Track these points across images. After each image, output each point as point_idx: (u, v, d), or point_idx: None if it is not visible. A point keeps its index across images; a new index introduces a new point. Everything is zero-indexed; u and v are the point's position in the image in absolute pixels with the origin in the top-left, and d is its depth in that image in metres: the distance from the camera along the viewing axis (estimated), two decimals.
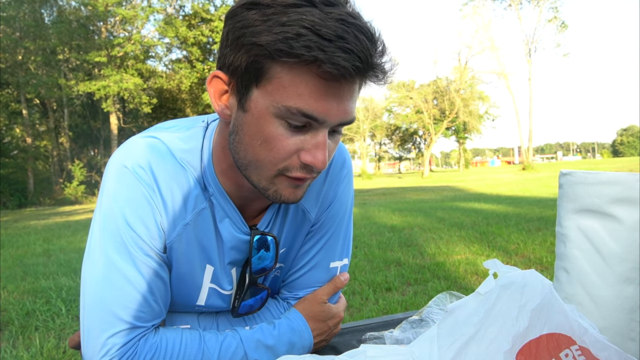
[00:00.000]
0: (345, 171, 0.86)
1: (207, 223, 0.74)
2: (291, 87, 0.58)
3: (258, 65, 0.59)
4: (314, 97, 0.58)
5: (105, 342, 0.65)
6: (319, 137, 0.61)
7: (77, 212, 16.00)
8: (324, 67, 0.55)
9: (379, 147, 64.35)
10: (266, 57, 0.58)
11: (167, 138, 0.72)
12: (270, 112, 0.60)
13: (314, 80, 0.57)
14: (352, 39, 0.55)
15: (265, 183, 0.65)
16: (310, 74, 0.57)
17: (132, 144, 0.70)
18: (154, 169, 0.68)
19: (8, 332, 3.09)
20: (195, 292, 0.77)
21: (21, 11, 23.00)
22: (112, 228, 0.67)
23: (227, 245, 0.76)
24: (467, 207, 9.63)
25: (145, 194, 0.68)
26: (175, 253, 0.72)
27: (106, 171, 0.70)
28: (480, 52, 39.70)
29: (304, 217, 0.83)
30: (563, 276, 0.74)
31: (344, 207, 0.87)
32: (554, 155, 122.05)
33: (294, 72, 0.57)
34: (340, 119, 0.61)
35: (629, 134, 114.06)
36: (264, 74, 0.59)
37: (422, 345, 0.56)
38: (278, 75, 0.58)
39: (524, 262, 4.34)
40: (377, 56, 0.58)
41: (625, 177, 0.68)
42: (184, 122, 0.77)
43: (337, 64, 0.54)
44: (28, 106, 25.05)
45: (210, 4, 26.54)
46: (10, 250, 6.84)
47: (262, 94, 0.60)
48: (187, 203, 0.71)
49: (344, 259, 0.88)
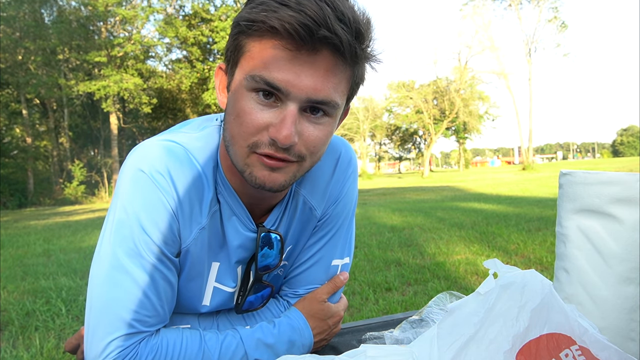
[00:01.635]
0: (351, 170, 0.87)
1: (217, 223, 0.74)
2: (258, 57, 0.60)
3: (237, 44, 0.62)
4: (278, 66, 0.59)
5: (108, 344, 0.65)
6: (286, 111, 0.61)
7: (77, 212, 16.00)
8: (280, 30, 0.56)
9: (379, 147, 64.37)
10: (241, 34, 0.61)
11: (184, 140, 0.71)
12: (242, 86, 0.62)
13: (279, 49, 0.59)
14: (309, 3, 0.56)
15: (241, 164, 0.65)
16: (276, 43, 0.58)
17: (148, 148, 0.69)
18: (173, 174, 0.67)
19: (8, 332, 3.09)
20: (201, 292, 0.77)
21: (21, 11, 22.98)
22: (125, 232, 0.66)
23: (234, 243, 0.76)
24: (467, 207, 9.63)
25: (163, 201, 0.67)
26: (191, 256, 0.72)
27: (121, 174, 0.69)
28: (480, 52, 39.70)
29: (311, 214, 0.83)
30: (563, 276, 0.74)
31: (349, 205, 0.87)
32: (554, 155, 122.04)
33: (262, 43, 0.60)
34: (307, 94, 0.60)
35: (629, 134, 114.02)
36: (241, 50, 0.62)
37: (422, 345, 0.56)
38: (250, 49, 0.61)
39: (524, 262, 4.34)
40: (342, 26, 0.57)
41: (625, 177, 0.68)
42: (198, 121, 0.77)
43: (290, 23, 0.55)
44: (28, 106, 25.05)
45: (210, 4, 26.55)
46: (10, 250, 6.84)
47: (239, 71, 0.63)
48: (203, 207, 0.71)
49: (345, 257, 0.89)
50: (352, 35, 0.58)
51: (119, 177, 0.70)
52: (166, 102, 29.48)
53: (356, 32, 0.59)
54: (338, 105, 0.64)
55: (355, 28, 0.58)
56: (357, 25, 0.59)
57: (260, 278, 0.79)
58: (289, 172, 0.66)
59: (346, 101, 0.68)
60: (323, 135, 0.65)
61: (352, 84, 0.66)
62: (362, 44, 0.61)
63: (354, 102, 3.65)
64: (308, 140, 0.63)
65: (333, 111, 0.64)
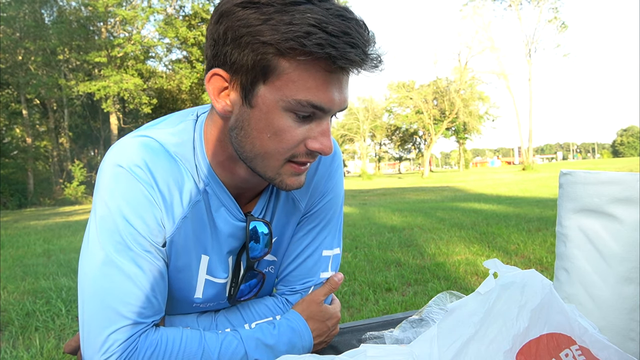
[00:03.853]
0: (335, 164, 0.89)
1: (202, 214, 0.75)
2: (300, 81, 0.62)
3: (266, 63, 0.61)
4: (321, 89, 0.63)
5: (107, 338, 0.65)
6: (324, 125, 0.67)
7: (77, 212, 16.00)
8: (338, 62, 0.59)
9: (379, 148, 64.39)
10: (274, 55, 0.61)
11: (158, 135, 0.72)
12: (279, 106, 0.64)
13: (321, 74, 0.62)
14: (355, 34, 0.60)
15: (271, 173, 0.69)
16: (317, 67, 0.61)
17: (124, 144, 0.71)
18: (151, 166, 0.69)
19: (8, 333, 3.09)
20: (192, 284, 0.78)
21: (21, 11, 22.98)
22: (110, 226, 0.67)
23: (224, 233, 0.77)
24: (467, 207, 9.63)
25: (144, 192, 0.68)
26: (175, 246, 0.73)
27: (100, 172, 0.70)
28: (480, 52, 39.74)
29: (294, 206, 0.85)
30: (563, 276, 0.74)
31: (335, 198, 0.89)
32: (554, 155, 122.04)
33: (302, 67, 0.61)
34: (340, 107, 0.67)
35: (629, 135, 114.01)
36: (272, 70, 0.62)
37: (422, 345, 0.55)
38: (287, 72, 0.61)
39: (524, 262, 4.34)
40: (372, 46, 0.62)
41: (625, 177, 0.68)
42: (173, 117, 0.78)
43: (349, 59, 0.59)
44: (28, 106, 25.04)
45: (210, 4, 26.52)
46: (10, 250, 6.84)
47: (270, 90, 0.63)
48: (183, 197, 0.72)
49: (335, 248, 0.90)
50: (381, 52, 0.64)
51: (98, 175, 0.71)
52: (166, 103, 29.49)
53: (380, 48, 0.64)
54: None
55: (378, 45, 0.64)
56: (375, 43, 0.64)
57: (252, 266, 0.81)
58: (306, 170, 0.72)
59: None
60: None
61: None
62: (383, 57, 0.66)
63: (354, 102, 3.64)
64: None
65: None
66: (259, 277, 0.84)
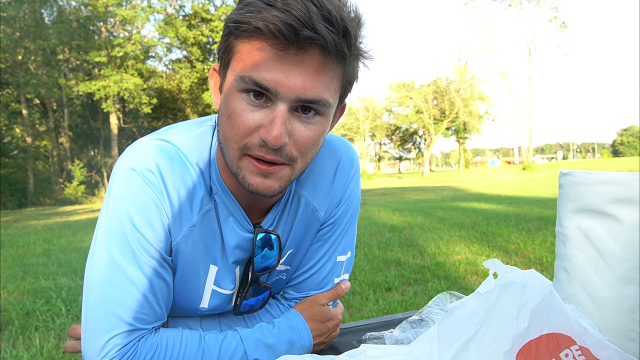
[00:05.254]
0: (353, 171, 0.87)
1: (212, 223, 0.74)
2: (247, 58, 0.60)
3: (228, 45, 0.63)
4: (267, 66, 0.59)
5: (107, 342, 0.65)
6: (275, 112, 0.61)
7: (77, 212, 16.00)
8: (264, 31, 0.57)
9: (379, 147, 64.38)
10: (231, 35, 0.62)
11: (176, 139, 0.72)
12: (233, 87, 0.62)
13: (267, 50, 0.59)
14: (294, 3, 0.56)
15: (234, 167, 0.66)
16: (263, 44, 0.59)
17: (140, 147, 0.70)
18: (163, 171, 0.68)
19: (8, 332, 3.09)
20: (199, 294, 0.77)
21: (21, 11, 22.98)
22: (117, 229, 0.67)
23: (231, 244, 0.75)
24: (467, 207, 9.63)
25: (153, 197, 0.67)
26: (182, 255, 0.72)
27: (113, 173, 0.70)
28: (480, 52, 39.70)
29: (314, 216, 0.83)
30: (563, 276, 0.74)
31: (352, 206, 0.88)
32: (554, 155, 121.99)
33: (250, 44, 0.60)
34: (297, 93, 0.60)
35: (629, 134, 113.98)
36: (232, 53, 0.62)
37: (422, 345, 0.55)
38: (239, 50, 0.61)
39: (524, 262, 4.34)
40: (327, 25, 0.57)
41: (625, 177, 0.68)
42: (192, 123, 0.77)
43: (274, 23, 0.56)
44: (28, 106, 25.05)
45: (210, 4, 26.55)
46: (10, 250, 6.84)
47: (230, 72, 0.64)
48: (193, 205, 0.71)
49: (348, 252, 0.89)
50: (339, 34, 0.58)
51: (111, 176, 0.71)
52: (166, 102, 29.48)
53: (343, 31, 0.59)
54: (330, 104, 0.64)
55: (342, 27, 0.58)
56: (344, 23, 0.58)
57: (258, 279, 0.78)
58: (282, 176, 0.66)
59: (340, 99, 0.68)
60: (314, 135, 0.65)
61: (344, 82, 0.66)
62: (350, 42, 0.60)
63: (353, 102, 3.58)
64: (299, 140, 0.63)
65: (325, 110, 0.64)
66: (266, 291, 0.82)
